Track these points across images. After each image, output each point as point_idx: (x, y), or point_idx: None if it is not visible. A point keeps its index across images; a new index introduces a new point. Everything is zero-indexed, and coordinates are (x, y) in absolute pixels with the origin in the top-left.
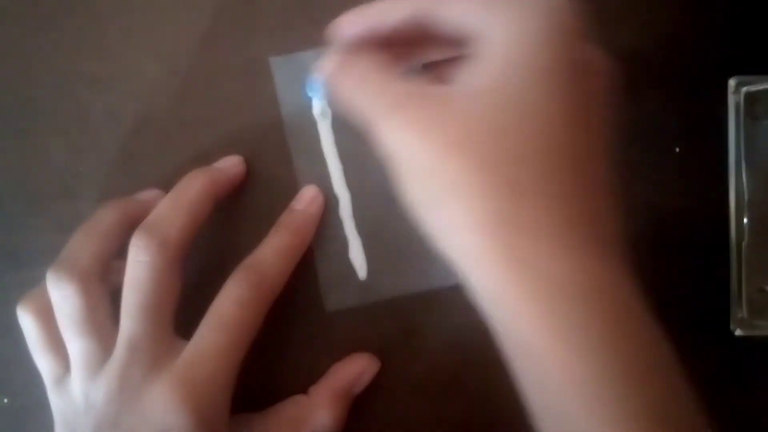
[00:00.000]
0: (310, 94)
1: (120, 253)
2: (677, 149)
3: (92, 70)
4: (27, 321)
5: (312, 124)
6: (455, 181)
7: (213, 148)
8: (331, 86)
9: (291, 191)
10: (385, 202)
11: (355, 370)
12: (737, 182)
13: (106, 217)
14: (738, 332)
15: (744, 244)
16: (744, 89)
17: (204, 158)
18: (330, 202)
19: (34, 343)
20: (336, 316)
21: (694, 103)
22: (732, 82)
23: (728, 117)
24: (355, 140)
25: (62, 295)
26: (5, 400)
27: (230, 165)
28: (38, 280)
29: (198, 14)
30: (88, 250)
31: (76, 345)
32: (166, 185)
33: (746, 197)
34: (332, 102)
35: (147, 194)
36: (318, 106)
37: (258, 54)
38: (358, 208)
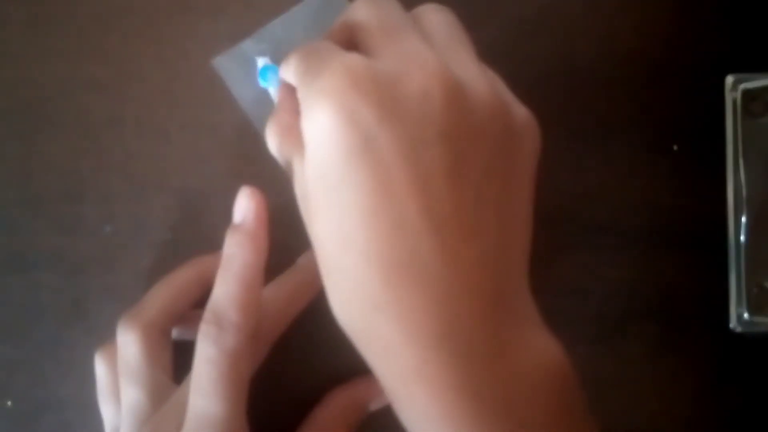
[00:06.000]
0: (263, 84)
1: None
2: (675, 147)
3: (94, 74)
4: (99, 368)
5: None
6: None
7: (213, 151)
8: None
9: (291, 191)
10: None
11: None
12: (735, 180)
13: (184, 273)
14: (738, 329)
15: (743, 241)
16: (741, 86)
17: (204, 161)
18: None
19: (101, 389)
20: None
21: (692, 100)
22: (729, 80)
23: (726, 114)
24: None
25: (124, 341)
26: (9, 403)
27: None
28: (41, 283)
29: (197, 17)
30: (159, 302)
31: (127, 394)
32: (169, 189)
33: (744, 194)
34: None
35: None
36: (274, 92)
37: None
38: None
